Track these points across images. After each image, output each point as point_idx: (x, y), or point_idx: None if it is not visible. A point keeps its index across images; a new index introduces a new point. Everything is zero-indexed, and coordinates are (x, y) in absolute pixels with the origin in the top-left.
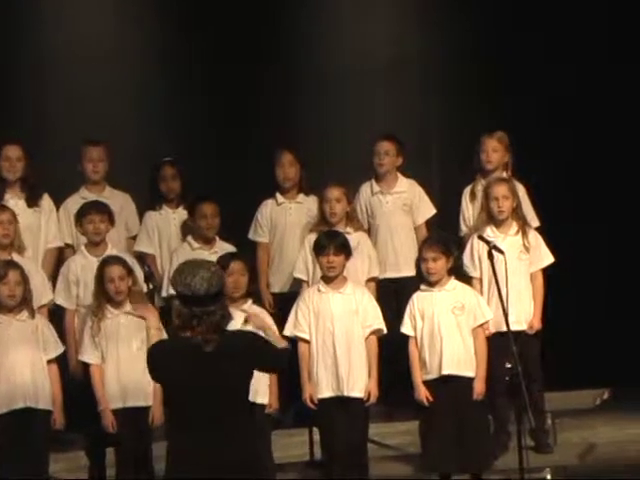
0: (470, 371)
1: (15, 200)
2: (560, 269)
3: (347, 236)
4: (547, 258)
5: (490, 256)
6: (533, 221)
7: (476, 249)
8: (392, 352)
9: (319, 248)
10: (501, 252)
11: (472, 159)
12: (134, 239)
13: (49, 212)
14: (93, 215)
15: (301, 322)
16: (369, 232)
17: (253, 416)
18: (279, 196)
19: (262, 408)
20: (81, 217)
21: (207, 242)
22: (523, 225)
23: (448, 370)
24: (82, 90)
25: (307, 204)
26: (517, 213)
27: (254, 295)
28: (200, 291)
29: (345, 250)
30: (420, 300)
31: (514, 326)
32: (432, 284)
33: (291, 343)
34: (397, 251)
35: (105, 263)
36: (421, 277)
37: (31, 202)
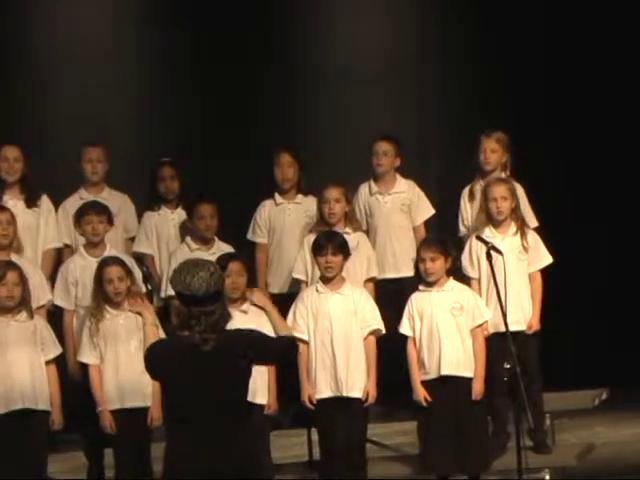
0: (469, 371)
1: (14, 201)
2: (560, 269)
3: (346, 236)
4: (546, 259)
5: (489, 256)
6: (531, 221)
7: (475, 249)
8: (391, 352)
9: (317, 248)
10: (500, 252)
11: (471, 159)
12: (133, 240)
13: (48, 213)
14: (92, 216)
15: (299, 323)
16: (368, 232)
17: (251, 416)
18: (278, 197)
19: (261, 408)
20: (80, 218)
21: (206, 243)
22: (522, 226)
23: (447, 370)
24: (81, 90)
25: (306, 205)
26: (516, 214)
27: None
28: (199, 291)
29: (343, 250)
30: (418, 300)
31: (513, 326)
32: (430, 284)
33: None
34: (396, 251)
35: (104, 264)
36: (420, 277)
37: (30, 203)
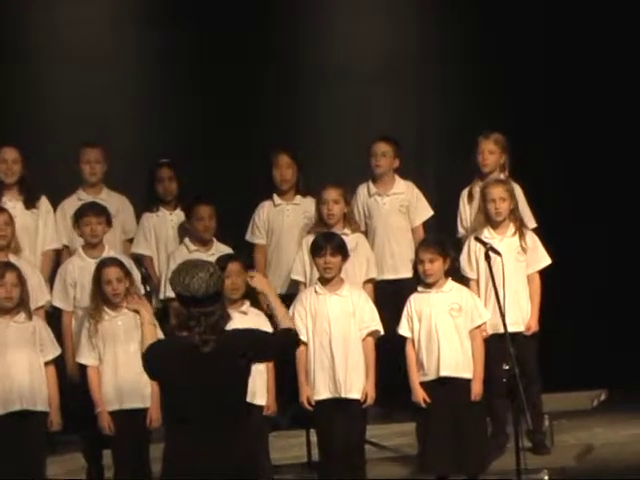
0: (467, 373)
1: (13, 202)
2: (560, 269)
3: (344, 237)
4: (544, 260)
5: (487, 257)
6: (530, 222)
7: (473, 251)
8: (389, 354)
9: (316, 249)
10: (498, 254)
11: (470, 160)
12: (131, 241)
13: (46, 214)
14: (90, 217)
15: (298, 324)
16: (366, 234)
17: (250, 417)
18: (276, 198)
19: (260, 409)
20: (78, 219)
21: (204, 244)
22: (520, 227)
23: (445, 372)
24: (80, 90)
25: (304, 205)
26: (514, 214)
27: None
28: (199, 292)
29: (342, 251)
30: (417, 301)
31: (511, 328)
32: (429, 286)
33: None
34: (394, 253)
35: (102, 265)
36: (418, 279)
37: (29, 204)
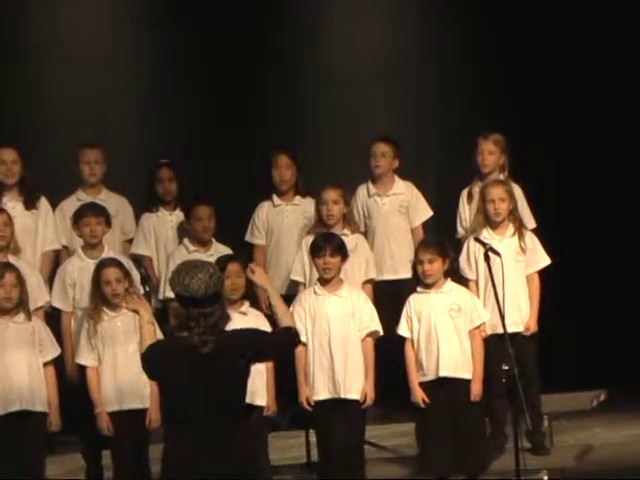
0: (467, 373)
1: (13, 203)
2: (560, 269)
3: (344, 238)
4: (543, 260)
5: (486, 258)
6: (529, 222)
7: (472, 251)
8: (389, 354)
9: (315, 250)
10: (497, 254)
11: (470, 160)
12: (130, 242)
13: (46, 215)
14: (89, 217)
15: (297, 324)
16: (366, 234)
17: (249, 417)
18: (276, 198)
19: (260, 410)
20: (78, 219)
21: (203, 245)
22: (519, 227)
23: (445, 372)
24: (80, 91)
25: (304, 206)
26: (513, 215)
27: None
28: (198, 293)
29: (341, 252)
30: (416, 302)
31: (510, 328)
32: (428, 286)
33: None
34: (394, 253)
35: (102, 265)
36: (417, 279)
37: (29, 205)
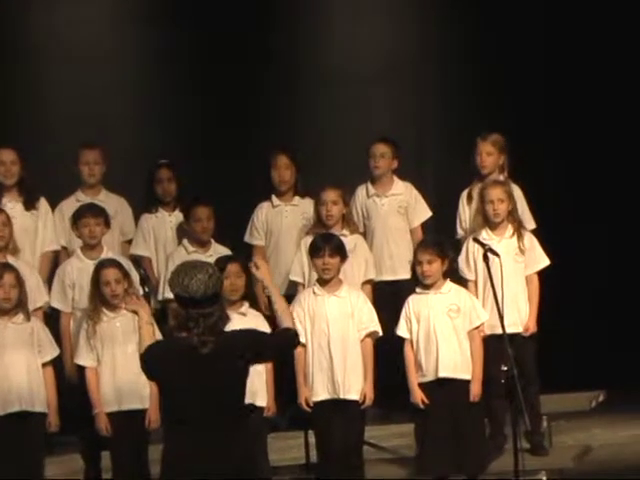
0: (466, 374)
1: (13, 203)
2: (560, 270)
3: (343, 239)
4: (542, 261)
5: (485, 259)
6: (529, 223)
7: (471, 252)
8: (388, 355)
9: (314, 250)
10: (496, 255)
11: (469, 161)
12: (129, 243)
13: (46, 215)
14: (89, 218)
15: (296, 325)
16: (365, 235)
17: (249, 418)
18: (275, 199)
19: (260, 411)
20: (77, 220)
21: (202, 245)
22: (518, 228)
23: (444, 373)
24: (80, 91)
25: (303, 207)
26: (512, 216)
27: (250, 298)
28: (197, 293)
29: (340, 252)
30: (415, 303)
31: (509, 329)
32: (427, 287)
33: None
34: (393, 254)
35: (101, 266)
36: (417, 280)
37: (28, 205)
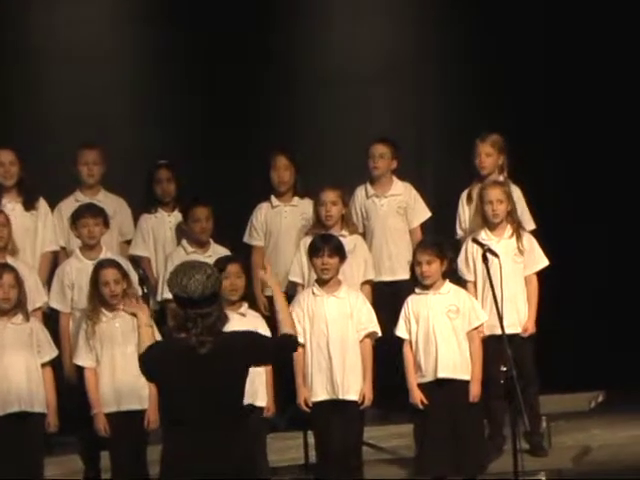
0: (465, 374)
1: (12, 204)
2: (559, 270)
3: (342, 239)
4: (542, 261)
5: (484, 259)
6: (529, 223)
7: (470, 252)
8: (387, 355)
9: (313, 250)
10: (495, 255)
11: (469, 161)
12: (128, 243)
13: (45, 216)
14: (87, 218)
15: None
16: (364, 235)
17: (248, 418)
18: (274, 199)
19: (260, 411)
20: (76, 220)
21: (201, 246)
22: (517, 228)
23: (443, 373)
24: (79, 91)
25: (302, 207)
26: (512, 216)
27: (250, 298)
28: (195, 293)
29: (339, 253)
30: (415, 303)
31: (508, 329)
32: (427, 287)
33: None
34: (392, 254)
35: (100, 266)
36: (416, 280)
37: (28, 206)
